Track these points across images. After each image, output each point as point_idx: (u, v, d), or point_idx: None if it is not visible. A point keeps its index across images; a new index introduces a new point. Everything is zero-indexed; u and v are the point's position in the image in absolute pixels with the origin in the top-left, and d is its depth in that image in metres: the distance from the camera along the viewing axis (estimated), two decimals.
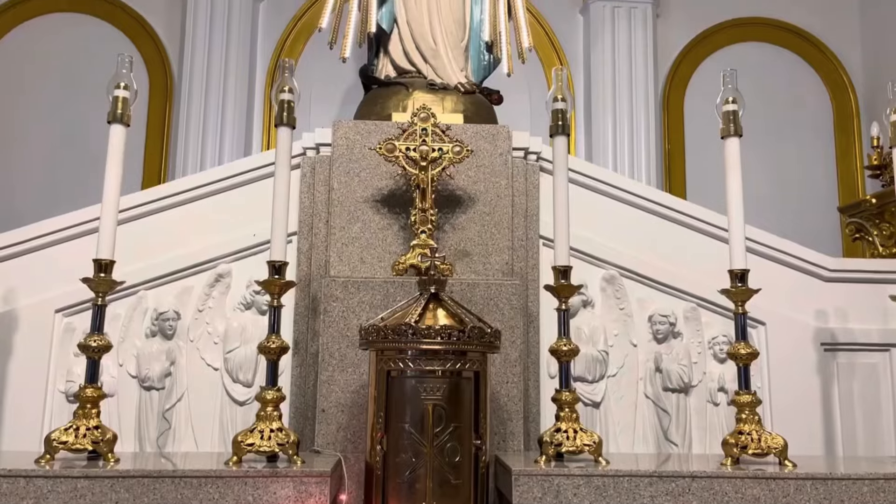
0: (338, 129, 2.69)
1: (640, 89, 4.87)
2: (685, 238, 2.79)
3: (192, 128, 4.57)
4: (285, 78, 2.11)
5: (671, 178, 4.95)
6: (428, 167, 2.48)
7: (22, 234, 2.57)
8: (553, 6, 5.08)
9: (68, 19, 4.81)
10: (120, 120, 2.00)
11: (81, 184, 4.26)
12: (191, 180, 2.74)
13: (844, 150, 4.99)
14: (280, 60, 2.22)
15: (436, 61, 2.90)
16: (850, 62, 5.10)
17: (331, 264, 2.57)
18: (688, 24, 5.11)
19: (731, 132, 2.09)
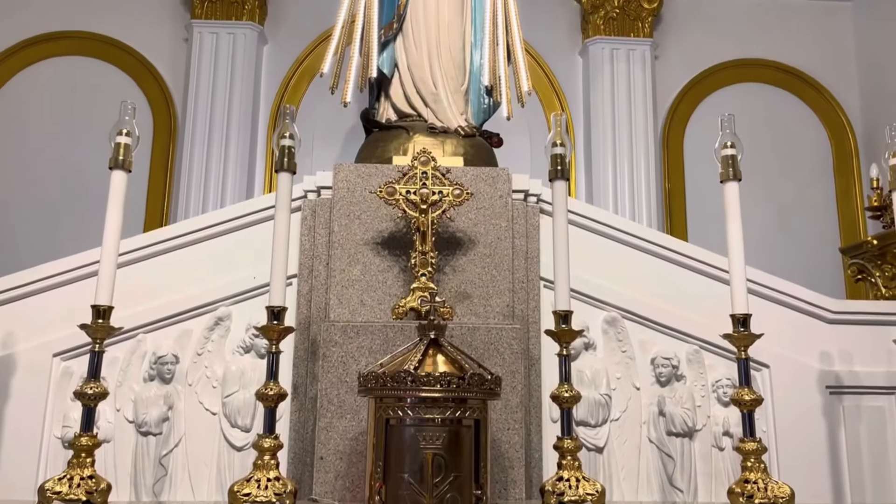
0: (339, 172, 2.70)
1: (639, 129, 4.91)
2: (687, 279, 2.78)
3: (195, 168, 4.61)
4: (286, 124, 2.13)
5: (672, 216, 4.96)
6: (428, 210, 2.48)
7: (21, 277, 2.56)
8: (552, 48, 5.15)
9: (75, 62, 4.89)
10: (121, 166, 2.01)
11: (83, 225, 4.29)
12: (192, 223, 2.75)
13: (844, 190, 5.00)
14: (281, 107, 2.24)
15: (436, 105, 2.93)
16: (848, 103, 5.15)
17: (331, 307, 2.55)
18: (686, 64, 5.18)
19: (730, 176, 2.10)
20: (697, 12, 5.23)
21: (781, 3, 5.24)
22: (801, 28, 5.23)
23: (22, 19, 4.88)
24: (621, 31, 5.02)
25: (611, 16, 5.04)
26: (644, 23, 5.05)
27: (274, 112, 4.95)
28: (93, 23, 4.91)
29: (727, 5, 5.23)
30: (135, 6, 4.97)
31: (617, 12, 5.03)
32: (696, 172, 4.99)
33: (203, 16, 4.86)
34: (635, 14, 5.04)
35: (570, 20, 5.22)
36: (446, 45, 2.95)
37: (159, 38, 4.95)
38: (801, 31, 5.23)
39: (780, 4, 5.24)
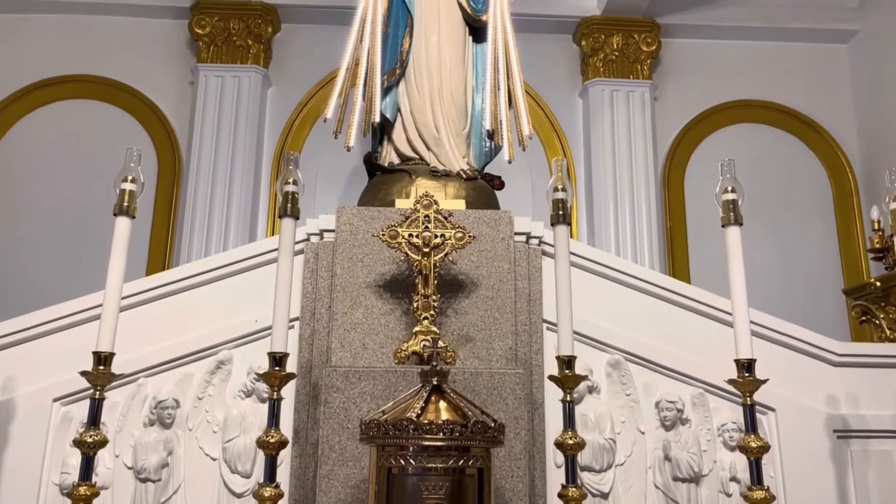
0: (341, 215, 2.71)
1: (640, 168, 4.94)
2: (690, 322, 2.77)
3: (199, 210, 4.63)
4: (290, 170, 2.15)
5: (674, 255, 4.96)
6: (430, 253, 2.48)
7: (22, 322, 2.56)
8: (553, 89, 5.22)
9: (81, 105, 4.96)
10: (126, 212, 2.02)
11: (86, 267, 4.30)
12: (194, 267, 2.75)
13: (846, 229, 5.01)
14: (285, 153, 2.26)
15: (438, 149, 2.95)
16: (846, 142, 5.19)
17: (332, 351, 2.54)
18: (685, 105, 5.23)
19: (732, 221, 2.11)
20: (695, 55, 5.30)
21: (777, 46, 5.31)
22: (798, 70, 5.30)
23: (30, 64, 4.96)
24: (620, 74, 5.09)
25: (610, 58, 5.11)
26: (643, 65, 5.12)
27: (277, 154, 5.00)
28: (100, 67, 4.99)
29: (724, 48, 5.31)
30: (142, 51, 5.05)
31: (616, 55, 5.11)
32: (696, 211, 5.00)
33: (209, 59, 4.93)
34: (634, 57, 5.12)
35: (570, 62, 5.30)
36: (448, 89, 2.99)
37: (165, 81, 5.03)
38: (798, 72, 5.30)
39: (777, 47, 5.31)
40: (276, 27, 5.11)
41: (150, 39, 5.07)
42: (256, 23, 4.98)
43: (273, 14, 5.04)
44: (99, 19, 5.04)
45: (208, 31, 4.95)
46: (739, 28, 5.23)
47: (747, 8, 5.19)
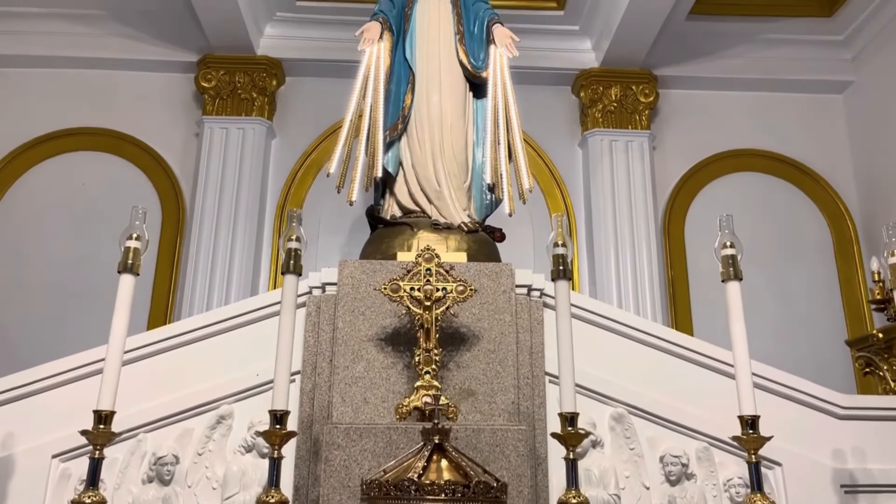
0: (344, 268, 2.73)
1: (640, 217, 4.96)
2: (693, 374, 2.76)
3: (202, 261, 4.65)
4: (293, 227, 2.17)
5: (676, 304, 4.95)
6: (432, 307, 2.49)
7: (22, 378, 2.55)
8: (552, 139, 5.28)
9: (87, 157, 5.03)
10: (130, 270, 2.04)
11: (88, 319, 4.32)
12: (195, 321, 2.76)
13: (847, 277, 5.01)
14: (288, 210, 2.29)
15: (440, 202, 2.99)
16: (844, 191, 5.23)
17: (334, 405, 2.53)
18: (684, 155, 5.29)
19: (731, 276, 2.12)
20: (693, 105, 5.38)
21: (774, 97, 5.39)
22: (795, 120, 5.37)
23: (39, 117, 5.05)
24: (619, 124, 5.16)
25: (608, 109, 5.19)
26: (641, 115, 5.19)
27: (280, 203, 5.04)
28: (107, 119, 5.08)
29: (721, 99, 5.39)
30: (148, 103, 5.14)
31: (614, 106, 5.19)
32: (697, 259, 5.01)
33: (214, 112, 5.02)
34: (632, 108, 5.19)
35: (570, 113, 5.38)
36: (449, 144, 3.04)
37: (171, 133, 5.10)
38: (795, 122, 5.36)
39: (773, 98, 5.39)
40: (280, 80, 5.21)
41: (157, 93, 5.17)
42: (261, 76, 5.08)
43: (278, 68, 5.15)
44: (107, 73, 5.15)
45: (214, 84, 5.04)
46: (735, 79, 5.32)
47: (742, 60, 5.29)
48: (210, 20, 4.68)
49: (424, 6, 3.15)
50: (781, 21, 5.18)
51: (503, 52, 3.07)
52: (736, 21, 5.15)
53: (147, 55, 5.10)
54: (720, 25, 5.15)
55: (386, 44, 3.07)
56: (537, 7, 5.10)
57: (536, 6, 5.09)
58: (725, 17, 5.12)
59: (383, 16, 3.09)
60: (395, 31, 3.11)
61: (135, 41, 5.08)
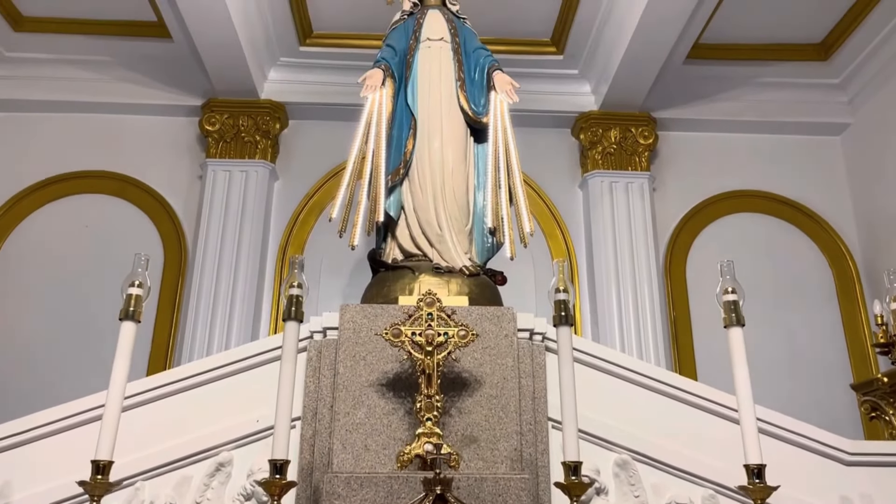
0: (345, 312, 2.72)
1: (641, 258, 4.96)
2: (698, 420, 2.73)
3: (203, 304, 4.64)
4: (295, 273, 2.17)
5: (679, 345, 4.92)
6: (433, 352, 2.48)
7: (20, 425, 2.53)
8: (553, 180, 5.32)
9: (90, 200, 5.07)
10: (131, 317, 2.04)
11: (89, 362, 4.30)
12: (195, 366, 2.74)
13: (850, 319, 4.98)
14: (290, 257, 2.30)
15: (441, 246, 3.00)
16: (845, 231, 5.23)
17: (334, 452, 2.50)
18: (684, 196, 5.31)
19: (734, 322, 2.11)
20: (692, 147, 5.43)
21: (772, 139, 5.44)
22: (793, 161, 5.40)
23: (44, 160, 5.11)
24: (619, 166, 5.20)
25: (608, 151, 5.23)
26: (641, 157, 5.23)
27: (283, 245, 5.06)
28: (111, 163, 5.13)
29: (720, 141, 5.44)
30: (152, 147, 5.20)
31: (614, 148, 5.23)
32: (700, 300, 5.00)
33: (217, 155, 5.07)
34: (632, 149, 5.24)
35: (570, 154, 5.42)
36: (450, 188, 3.06)
37: (174, 176, 5.15)
38: (794, 164, 5.40)
39: (771, 139, 5.44)
40: (283, 123, 5.28)
41: (161, 136, 5.23)
42: (265, 119, 5.14)
43: (281, 111, 5.22)
44: (112, 118, 5.22)
45: (218, 127, 5.10)
46: (733, 122, 5.37)
47: (740, 102, 5.35)
48: (215, 66, 4.76)
49: (426, 53, 3.21)
50: (778, 65, 5.26)
51: (503, 97, 3.11)
52: (733, 65, 5.23)
53: (152, 99, 5.18)
54: (717, 69, 5.23)
55: (388, 90, 3.12)
56: (537, 52, 5.19)
57: (536, 51, 5.18)
58: (722, 61, 5.20)
59: (385, 63, 3.14)
60: (396, 77, 3.16)
61: (140, 86, 5.16)
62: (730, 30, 4.95)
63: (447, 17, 3.32)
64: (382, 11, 3.62)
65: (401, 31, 3.28)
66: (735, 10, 4.74)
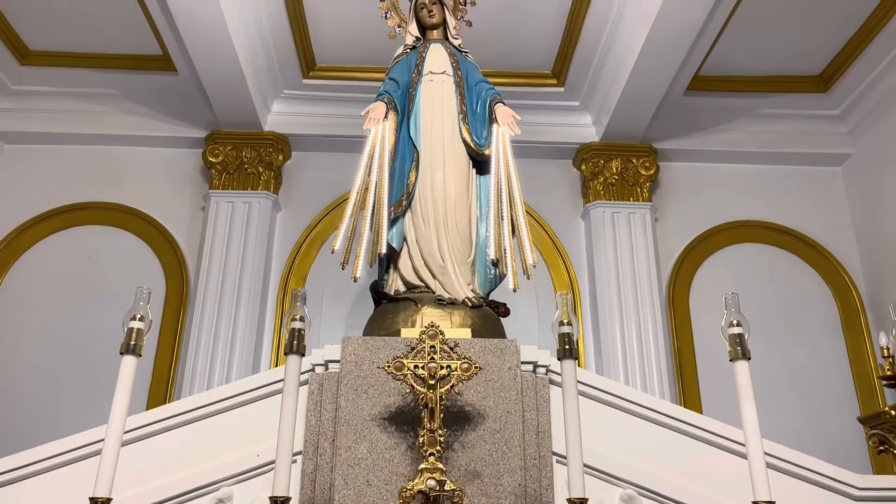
0: (347, 345, 2.70)
1: (644, 288, 4.94)
2: (705, 454, 2.70)
3: (204, 335, 4.62)
4: (297, 306, 2.16)
5: (683, 377, 4.88)
6: (436, 385, 2.45)
7: (18, 460, 2.50)
8: (554, 211, 5.32)
9: (94, 231, 5.08)
10: (132, 351, 2.02)
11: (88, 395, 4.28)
12: (196, 400, 2.72)
13: (856, 350, 4.94)
14: (293, 290, 2.29)
15: (444, 277, 2.99)
16: (848, 261, 5.21)
17: (335, 488, 2.46)
18: (686, 226, 5.31)
19: (740, 355, 2.09)
20: (693, 177, 5.44)
21: (773, 169, 5.45)
22: (795, 191, 5.41)
23: (48, 191, 5.13)
24: (621, 196, 5.20)
25: (610, 182, 5.25)
26: (642, 188, 5.24)
27: (285, 276, 5.05)
28: (114, 194, 5.15)
29: (721, 171, 5.46)
30: (155, 178, 5.22)
31: (616, 178, 5.24)
32: (703, 331, 4.97)
33: (220, 186, 5.08)
34: (633, 180, 5.25)
35: (571, 185, 5.44)
36: (453, 219, 3.06)
37: (177, 207, 5.16)
38: (795, 194, 5.41)
39: (772, 170, 5.45)
40: (286, 155, 5.31)
41: (165, 167, 5.25)
42: (268, 151, 5.17)
43: (284, 143, 5.25)
44: (117, 149, 5.26)
45: (221, 159, 5.13)
46: (734, 152, 5.39)
47: (741, 133, 5.38)
48: (219, 98, 4.80)
49: (428, 87, 3.24)
50: (777, 96, 5.29)
51: (505, 130, 3.13)
52: (733, 96, 5.26)
53: (156, 132, 5.22)
54: (717, 100, 5.26)
55: (391, 123, 3.14)
56: (538, 84, 5.23)
57: (537, 83, 5.22)
58: (722, 92, 5.24)
59: (388, 96, 3.17)
60: (399, 110, 3.18)
61: (145, 118, 5.21)
62: (729, 62, 5.00)
63: (449, 50, 3.35)
64: (385, 45, 3.66)
65: (403, 64, 3.31)
66: (734, 43, 4.79)
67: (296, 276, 5.05)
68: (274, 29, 4.71)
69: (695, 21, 4.15)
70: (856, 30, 4.74)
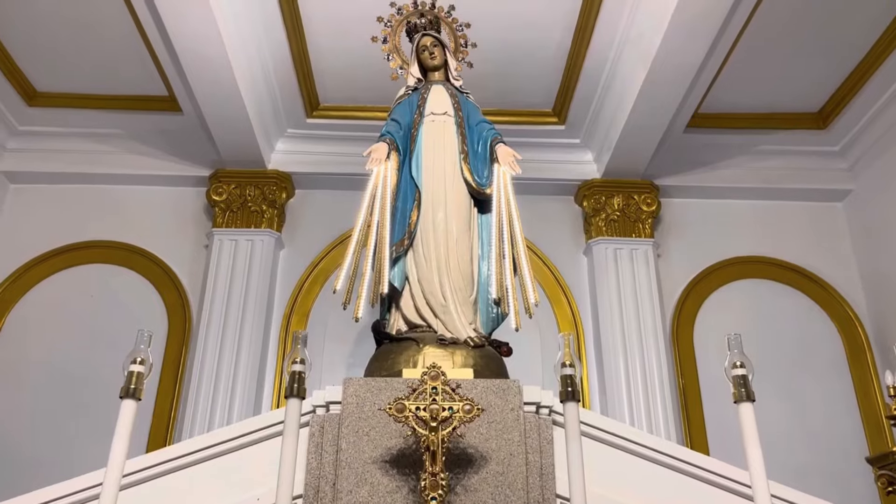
0: (348, 386, 2.68)
1: (648, 324, 4.92)
2: (711, 496, 2.65)
3: (206, 374, 4.60)
4: (297, 349, 2.15)
5: (689, 414, 4.83)
6: (438, 427, 2.43)
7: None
8: (557, 247, 5.33)
9: (97, 270, 5.09)
10: (132, 395, 2.01)
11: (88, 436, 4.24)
12: (196, 442, 2.69)
13: (863, 387, 4.88)
14: (294, 332, 2.28)
15: (445, 316, 2.98)
16: (852, 297, 5.18)
17: None
18: (689, 262, 5.30)
19: (744, 398, 2.07)
20: (695, 213, 5.45)
21: (774, 205, 5.46)
22: (797, 227, 5.41)
23: (52, 230, 5.15)
24: (623, 232, 5.21)
25: (612, 218, 5.26)
26: (644, 224, 5.25)
27: (287, 313, 5.04)
28: (118, 233, 5.17)
29: (723, 207, 5.46)
30: (159, 217, 5.25)
31: (618, 215, 5.26)
32: (708, 368, 4.93)
33: (224, 224, 5.11)
34: (635, 216, 5.26)
35: (574, 221, 5.45)
36: (455, 258, 3.06)
37: (180, 245, 5.18)
38: (797, 229, 5.40)
39: (774, 206, 5.46)
40: (290, 193, 5.34)
41: (169, 206, 5.29)
42: (271, 189, 5.21)
43: (288, 181, 5.29)
44: (122, 189, 5.30)
45: (225, 197, 5.16)
46: (735, 188, 5.41)
47: (741, 170, 5.40)
48: (223, 138, 4.86)
49: (430, 127, 3.27)
50: (777, 133, 5.33)
51: (506, 169, 3.15)
52: (732, 133, 5.30)
53: (161, 171, 5.26)
54: (717, 137, 5.30)
55: (393, 163, 3.16)
56: (539, 122, 5.28)
57: (538, 121, 5.28)
58: (722, 129, 5.28)
59: (390, 137, 3.20)
60: (401, 150, 3.21)
61: (149, 157, 5.26)
62: (728, 99, 5.05)
63: (451, 91, 3.39)
64: (387, 84, 3.71)
65: (405, 105, 3.35)
66: (733, 81, 4.84)
67: (298, 314, 5.04)
68: (278, 70, 4.78)
69: (693, 61, 4.21)
70: (854, 67, 4.79)
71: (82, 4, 4.25)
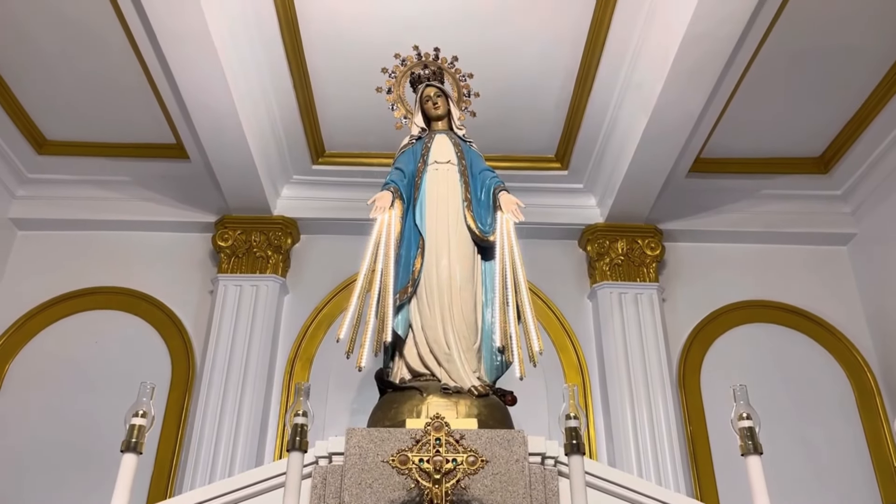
0: (351, 437, 2.66)
1: (654, 370, 4.86)
2: None
3: (209, 421, 4.54)
4: (300, 401, 2.14)
5: (697, 461, 4.73)
6: (442, 480, 2.40)
7: None
8: (561, 292, 5.30)
9: (101, 316, 5.07)
10: (133, 449, 2.00)
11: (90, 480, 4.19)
12: (197, 495, 2.66)
13: (873, 432, 4.79)
14: (296, 384, 2.27)
15: (449, 365, 2.97)
16: (860, 341, 5.12)
17: None
18: (694, 306, 5.25)
19: (751, 450, 2.04)
20: (699, 258, 5.43)
21: (778, 249, 5.45)
22: (802, 271, 5.38)
23: (57, 277, 5.15)
24: (627, 277, 5.19)
25: (616, 262, 5.25)
26: (648, 268, 5.24)
27: (291, 358, 5.01)
28: (123, 278, 5.16)
29: (727, 251, 5.45)
30: (164, 263, 5.25)
31: (622, 259, 5.25)
32: (716, 414, 4.86)
33: (229, 270, 5.11)
34: (639, 260, 5.26)
35: (578, 266, 5.44)
36: (458, 306, 3.06)
37: (185, 291, 5.17)
38: (802, 273, 5.37)
39: (777, 250, 5.45)
40: (295, 238, 5.37)
41: (174, 252, 5.30)
42: (277, 235, 5.23)
43: (293, 227, 5.32)
44: (127, 235, 5.31)
45: (230, 243, 5.18)
46: (739, 232, 5.40)
47: (745, 214, 5.41)
48: (229, 184, 4.91)
49: (434, 176, 3.31)
50: (779, 178, 5.35)
51: (510, 217, 3.17)
52: (735, 178, 5.32)
53: (167, 217, 5.29)
54: (720, 182, 5.32)
55: (397, 211, 3.19)
56: (542, 168, 5.32)
57: (541, 167, 5.32)
58: (724, 174, 5.30)
59: (394, 185, 3.24)
60: (405, 199, 3.24)
61: (156, 204, 5.29)
62: (730, 145, 5.08)
63: (454, 140, 3.44)
64: (392, 132, 3.76)
65: (409, 154, 3.39)
66: (734, 126, 4.88)
67: (302, 359, 5.01)
68: (285, 118, 4.85)
69: (694, 108, 4.26)
70: (855, 112, 4.83)
71: (93, 55, 4.34)
